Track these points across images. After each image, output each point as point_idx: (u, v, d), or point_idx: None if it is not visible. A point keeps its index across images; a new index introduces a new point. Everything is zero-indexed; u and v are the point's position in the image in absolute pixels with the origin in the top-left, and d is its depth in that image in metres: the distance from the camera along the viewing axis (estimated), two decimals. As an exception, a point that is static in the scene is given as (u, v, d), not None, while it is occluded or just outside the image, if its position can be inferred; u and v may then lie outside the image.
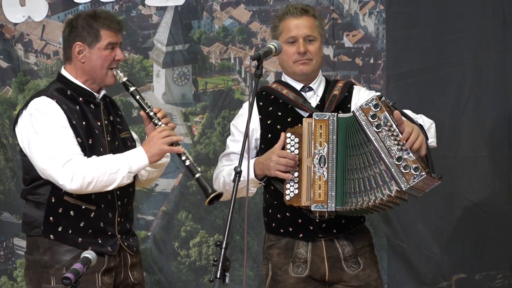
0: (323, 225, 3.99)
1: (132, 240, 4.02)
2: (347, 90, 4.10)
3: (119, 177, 3.78)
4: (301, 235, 4.01)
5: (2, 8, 5.57)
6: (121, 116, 4.11)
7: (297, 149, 3.90)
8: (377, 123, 3.76)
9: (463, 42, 5.25)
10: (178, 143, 3.87)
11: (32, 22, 5.60)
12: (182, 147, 3.87)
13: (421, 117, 4.02)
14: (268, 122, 4.06)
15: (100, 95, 3.96)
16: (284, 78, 4.14)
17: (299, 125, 3.92)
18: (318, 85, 4.12)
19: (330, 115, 3.87)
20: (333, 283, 4.04)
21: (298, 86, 4.10)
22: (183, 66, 5.53)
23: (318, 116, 3.88)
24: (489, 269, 5.27)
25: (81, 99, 3.89)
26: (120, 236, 3.93)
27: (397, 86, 5.30)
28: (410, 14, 5.30)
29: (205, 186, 3.80)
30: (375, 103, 3.76)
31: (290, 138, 3.92)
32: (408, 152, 3.73)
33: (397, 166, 3.73)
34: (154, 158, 3.84)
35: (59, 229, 3.82)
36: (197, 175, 3.82)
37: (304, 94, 4.09)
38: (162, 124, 3.87)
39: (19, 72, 5.60)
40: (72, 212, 3.83)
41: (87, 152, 3.81)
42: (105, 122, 3.95)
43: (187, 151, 3.89)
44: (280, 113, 4.05)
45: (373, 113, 3.76)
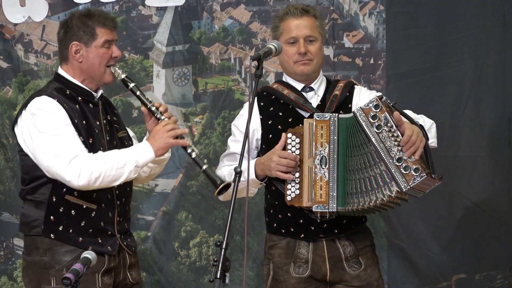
0: (325, 225, 3.99)
1: (130, 240, 4.03)
2: (348, 90, 4.09)
3: (126, 172, 3.77)
4: (303, 235, 4.01)
5: (2, 8, 5.56)
6: (118, 116, 4.11)
7: (298, 150, 3.90)
8: (378, 124, 3.76)
9: (463, 42, 5.25)
10: (183, 136, 3.87)
11: (32, 22, 5.59)
12: (187, 140, 3.87)
13: (422, 118, 4.01)
14: (269, 123, 4.06)
15: (98, 95, 3.96)
16: (285, 78, 4.14)
17: (300, 126, 3.91)
18: (319, 85, 4.12)
19: (331, 116, 3.87)
20: (334, 283, 4.05)
21: (299, 86, 4.09)
22: (183, 67, 5.52)
23: (319, 117, 3.87)
24: (489, 269, 5.26)
25: (80, 99, 3.88)
26: (119, 236, 3.93)
27: (397, 86, 5.30)
28: (410, 14, 5.30)
29: (213, 178, 3.81)
30: (376, 104, 3.76)
31: (291, 139, 3.92)
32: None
33: (397, 167, 3.72)
34: (160, 152, 3.83)
35: (60, 229, 3.81)
36: (204, 167, 3.81)
37: (305, 94, 4.08)
38: (165, 118, 3.87)
39: (19, 73, 5.59)
40: (73, 212, 3.82)
41: (88, 151, 3.79)
42: (104, 122, 3.94)
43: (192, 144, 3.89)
44: (281, 113, 4.05)
45: (374, 114, 3.75)
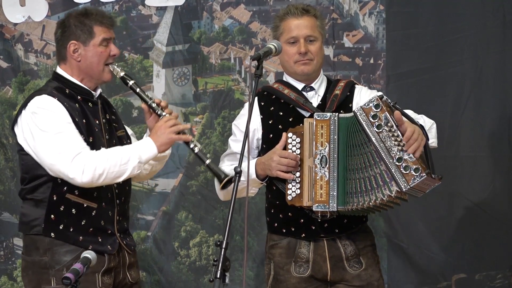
0: (325, 225, 3.99)
1: (129, 239, 4.03)
2: (349, 90, 4.10)
3: (130, 168, 3.76)
4: (303, 235, 4.01)
5: (2, 8, 5.56)
6: (116, 114, 4.11)
7: (299, 149, 3.90)
8: (378, 124, 3.75)
9: (463, 42, 5.24)
10: (185, 132, 3.86)
11: (32, 22, 5.59)
12: (190, 135, 3.87)
13: (422, 118, 4.01)
14: (270, 122, 4.06)
15: (97, 94, 3.96)
16: (286, 78, 4.14)
17: (301, 125, 3.91)
18: (320, 85, 4.12)
19: (331, 115, 3.86)
20: (335, 283, 4.05)
21: (300, 86, 4.09)
22: (183, 66, 5.51)
23: (319, 116, 3.87)
24: (489, 269, 5.26)
25: (80, 98, 3.88)
26: (119, 235, 3.93)
27: (397, 86, 5.29)
28: (410, 14, 5.29)
29: (217, 172, 3.81)
30: (376, 103, 3.76)
31: (292, 138, 3.92)
32: (409, 153, 3.73)
33: (397, 167, 3.72)
34: (163, 148, 3.82)
35: (60, 227, 3.81)
36: (207, 162, 3.81)
37: (306, 94, 4.08)
38: (166, 114, 3.86)
39: (19, 72, 5.59)
40: (74, 210, 3.82)
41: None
42: (103, 121, 3.94)
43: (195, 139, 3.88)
44: (282, 113, 4.05)
45: (374, 113, 3.75)
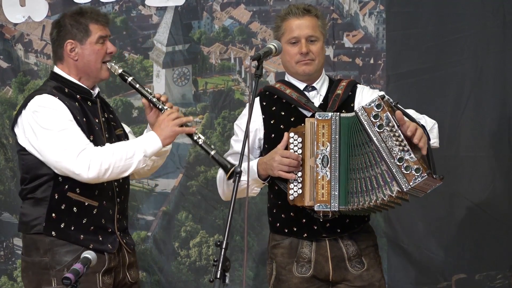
0: (327, 225, 3.99)
1: (129, 238, 4.04)
2: (351, 90, 4.10)
3: (135, 162, 3.76)
4: (305, 235, 4.01)
5: (2, 8, 5.56)
6: (114, 113, 4.11)
7: (300, 149, 3.90)
8: (379, 123, 3.75)
9: (463, 42, 5.24)
10: (188, 124, 3.86)
11: (32, 22, 5.59)
12: (193, 127, 3.87)
13: (424, 118, 4.01)
14: (272, 122, 4.06)
15: (95, 92, 3.96)
16: (287, 78, 4.14)
17: (302, 125, 3.91)
18: (321, 85, 4.12)
19: (333, 115, 3.87)
20: (337, 283, 4.05)
21: (301, 86, 4.09)
22: (183, 66, 5.51)
23: (321, 116, 3.87)
24: (489, 269, 5.26)
25: (79, 97, 3.88)
26: (119, 233, 3.93)
27: (397, 86, 5.29)
28: (410, 14, 5.29)
29: (223, 162, 3.79)
30: (378, 103, 3.76)
31: (293, 138, 3.92)
32: (410, 153, 3.72)
33: (399, 167, 3.72)
34: (167, 141, 3.82)
35: (61, 226, 3.81)
36: (212, 153, 3.79)
37: (307, 94, 4.08)
38: (168, 108, 3.86)
39: (19, 72, 5.59)
40: (75, 209, 3.82)
41: None
42: (103, 119, 3.95)
43: (196, 136, 3.86)
44: (283, 113, 4.05)
45: (376, 113, 3.75)
